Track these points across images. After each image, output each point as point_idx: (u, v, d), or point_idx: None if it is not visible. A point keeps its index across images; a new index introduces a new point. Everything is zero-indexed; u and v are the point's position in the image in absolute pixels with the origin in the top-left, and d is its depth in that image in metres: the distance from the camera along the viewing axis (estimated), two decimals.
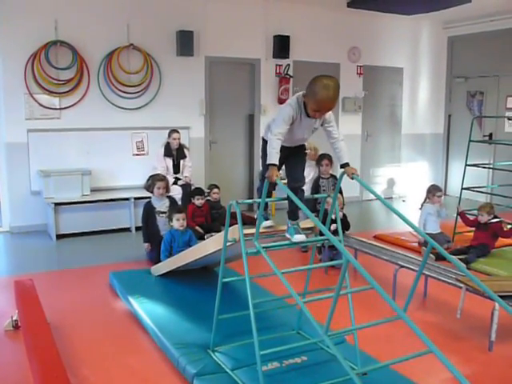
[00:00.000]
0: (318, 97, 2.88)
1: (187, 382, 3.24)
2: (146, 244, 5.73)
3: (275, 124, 3.08)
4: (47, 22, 6.92)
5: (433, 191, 6.33)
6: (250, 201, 3.69)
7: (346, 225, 5.68)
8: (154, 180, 5.82)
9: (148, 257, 5.64)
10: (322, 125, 3.18)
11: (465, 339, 4.01)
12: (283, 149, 3.08)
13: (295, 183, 3.32)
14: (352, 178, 3.02)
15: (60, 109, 7.15)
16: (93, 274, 5.41)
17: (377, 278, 2.38)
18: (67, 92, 7.14)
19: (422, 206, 6.39)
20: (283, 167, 3.35)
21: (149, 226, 5.72)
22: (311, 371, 3.22)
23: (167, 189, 5.91)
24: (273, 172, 2.95)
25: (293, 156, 3.32)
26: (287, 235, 3.23)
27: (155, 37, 7.65)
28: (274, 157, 2.99)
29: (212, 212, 6.68)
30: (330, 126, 3.19)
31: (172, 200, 5.93)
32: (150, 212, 5.71)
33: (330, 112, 3.12)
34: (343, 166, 3.11)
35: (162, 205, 5.75)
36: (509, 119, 8.83)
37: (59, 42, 6.97)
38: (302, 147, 3.38)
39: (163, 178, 5.97)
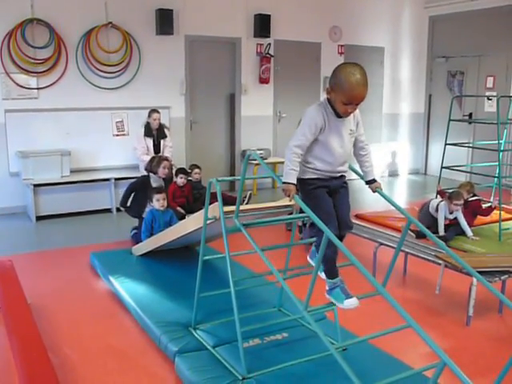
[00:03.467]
0: (347, 85, 2.46)
1: (169, 360, 3.25)
2: (123, 208, 5.78)
3: (294, 136, 2.62)
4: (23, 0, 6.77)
5: (453, 199, 5.78)
6: (230, 178, 3.70)
7: None
8: (159, 160, 5.80)
9: (134, 238, 5.54)
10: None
11: (443, 314, 4.08)
12: (324, 180, 2.67)
13: (345, 230, 2.73)
14: (374, 192, 2.82)
15: (38, 88, 7.03)
16: (73, 255, 5.38)
17: (357, 256, 2.40)
18: (45, 71, 7.01)
19: (437, 204, 5.93)
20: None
21: (137, 200, 5.68)
22: (292, 347, 3.25)
23: (170, 170, 5.91)
24: (290, 189, 2.56)
25: (337, 192, 2.74)
26: (330, 298, 2.73)
27: (134, 15, 7.53)
28: (291, 175, 2.58)
29: (193, 192, 6.64)
30: (360, 133, 2.77)
31: (166, 181, 5.91)
32: (143, 187, 5.63)
33: (359, 115, 2.73)
34: (369, 182, 2.82)
35: (157, 185, 5.68)
36: (488, 99, 8.88)
37: (36, 20, 6.83)
38: (343, 178, 2.79)
39: (167, 158, 5.98)
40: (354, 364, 2.47)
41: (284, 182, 2.59)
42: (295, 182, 2.60)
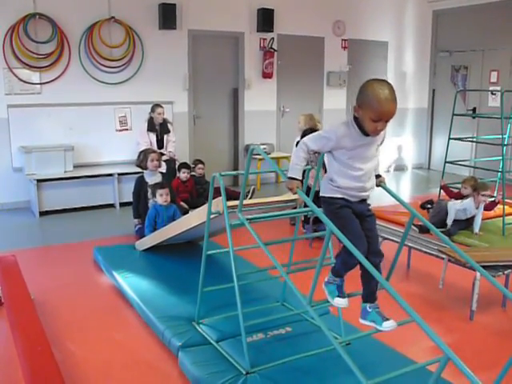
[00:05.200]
0: (375, 101, 2.36)
1: (172, 355, 3.25)
2: (137, 220, 5.67)
3: (312, 136, 2.57)
4: None
5: (479, 189, 5.70)
6: (234, 172, 3.69)
7: None
8: (146, 153, 5.73)
9: (138, 233, 5.56)
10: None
11: (447, 309, 4.07)
12: (348, 201, 2.56)
13: (376, 257, 2.61)
14: (378, 186, 2.77)
15: (41, 84, 7.03)
16: (77, 250, 5.39)
17: None
18: (48, 66, 7.01)
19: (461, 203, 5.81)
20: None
21: (140, 202, 5.66)
22: (295, 342, 3.25)
23: (160, 162, 5.85)
24: (293, 184, 2.55)
25: (364, 220, 2.63)
26: (324, 289, 2.70)
27: (137, 10, 7.52)
28: (296, 170, 2.57)
29: (197, 187, 6.65)
30: (380, 144, 2.64)
31: (164, 175, 5.89)
32: (141, 187, 5.63)
33: (385, 132, 2.58)
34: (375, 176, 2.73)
35: (154, 180, 5.63)
36: (492, 93, 8.85)
37: (38, 15, 6.83)
38: (366, 202, 2.68)
39: (154, 150, 5.92)
40: (357, 358, 2.47)
41: (288, 178, 2.57)
42: (300, 177, 2.56)
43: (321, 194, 2.61)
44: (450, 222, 5.72)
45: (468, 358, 2.41)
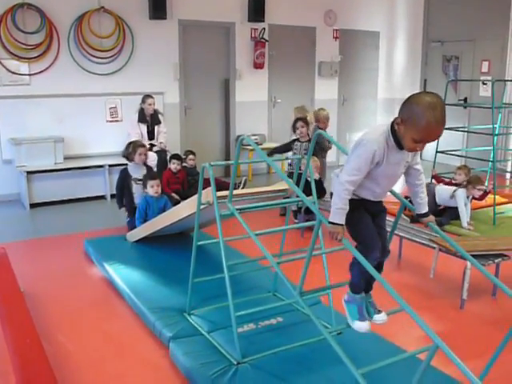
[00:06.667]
0: (423, 122, 2.12)
1: (164, 346, 3.25)
2: (123, 208, 5.65)
3: (347, 167, 2.31)
4: None
5: (473, 183, 5.72)
6: (223, 162, 3.68)
7: (321, 190, 5.66)
8: (135, 146, 5.68)
9: (128, 225, 5.51)
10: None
11: (438, 298, 4.09)
12: (364, 202, 2.44)
13: (384, 255, 2.55)
14: (426, 226, 2.65)
15: (30, 75, 6.95)
16: (67, 242, 5.36)
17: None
18: (37, 57, 6.93)
19: (453, 192, 5.72)
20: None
21: (124, 194, 5.62)
22: (286, 332, 3.25)
23: (146, 156, 5.80)
24: (338, 231, 2.31)
25: (377, 216, 2.54)
26: (344, 306, 2.58)
27: None
28: (340, 215, 2.31)
29: (188, 178, 6.62)
30: (417, 161, 2.48)
31: (149, 168, 5.85)
32: (125, 180, 5.60)
33: None
34: (422, 215, 2.60)
35: (139, 172, 5.61)
36: (483, 83, 8.85)
37: (26, 5, 6.72)
38: (382, 203, 2.58)
39: (143, 144, 5.88)
40: (348, 348, 2.48)
41: (331, 223, 2.32)
42: (344, 222, 2.32)
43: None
44: (462, 210, 5.63)
45: (458, 347, 2.42)
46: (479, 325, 3.68)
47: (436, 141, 2.30)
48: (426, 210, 2.59)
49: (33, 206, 6.69)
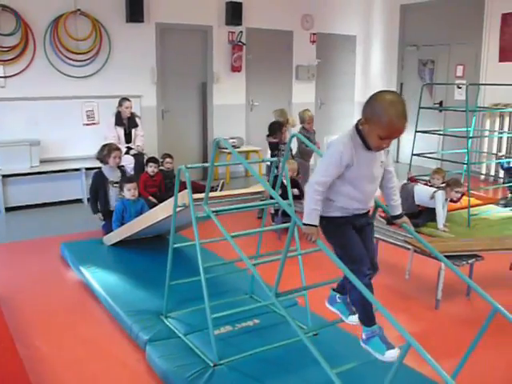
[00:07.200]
0: (386, 118, 2.17)
1: (140, 349, 3.24)
2: (99, 214, 5.60)
3: (316, 169, 2.36)
4: None
5: (452, 185, 5.75)
6: (199, 165, 3.69)
7: (300, 192, 5.68)
8: (110, 149, 5.63)
9: (104, 228, 5.47)
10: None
11: (413, 298, 4.14)
12: (349, 218, 2.43)
13: (373, 272, 2.53)
14: (400, 227, 2.68)
15: (5, 77, 6.87)
16: (44, 247, 5.30)
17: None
18: (12, 60, 6.86)
19: (433, 193, 5.74)
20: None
21: (100, 197, 5.58)
22: (263, 333, 3.26)
23: (120, 159, 5.77)
24: (312, 232, 2.32)
25: (363, 230, 2.52)
26: (368, 348, 2.46)
27: (103, 2, 7.40)
28: (313, 216, 2.32)
29: (165, 182, 6.60)
30: (389, 163, 2.50)
31: (123, 170, 5.82)
32: (100, 183, 5.55)
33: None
34: (396, 217, 2.62)
35: (114, 175, 5.58)
36: (458, 87, 8.98)
37: (1, 7, 6.66)
38: (368, 214, 2.58)
39: (118, 147, 5.85)
40: (324, 348, 2.50)
41: (305, 224, 2.34)
42: (317, 223, 2.34)
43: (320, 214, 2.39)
44: (439, 212, 5.67)
45: (433, 346, 2.46)
46: (453, 325, 3.73)
47: (400, 137, 2.31)
48: (399, 211, 2.60)
49: (8, 209, 6.61)
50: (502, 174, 7.79)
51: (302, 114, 6.84)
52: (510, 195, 6.97)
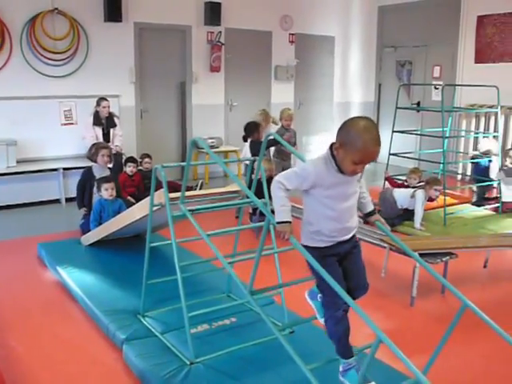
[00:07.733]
0: (361, 143, 2.20)
1: (117, 348, 3.24)
2: (84, 209, 5.58)
3: (284, 173, 2.41)
4: None
5: (431, 183, 5.81)
6: (176, 164, 3.69)
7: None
8: (97, 148, 5.64)
9: (82, 227, 5.44)
10: None
11: (388, 296, 4.20)
12: (333, 247, 2.45)
13: (361, 292, 2.58)
14: (373, 224, 2.76)
15: None
16: (21, 247, 5.26)
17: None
18: None
19: (414, 192, 5.82)
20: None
21: (85, 195, 5.57)
22: (240, 332, 3.29)
23: (110, 158, 5.77)
24: (285, 228, 2.33)
25: (350, 253, 2.56)
26: (345, 381, 2.48)
27: (81, 1, 7.35)
28: (283, 213, 2.35)
29: (144, 182, 6.59)
30: (363, 187, 2.57)
31: (112, 170, 5.80)
32: (88, 180, 5.54)
33: None
34: (368, 214, 2.69)
35: (102, 174, 5.55)
36: (435, 88, 9.09)
37: None
38: (354, 238, 2.60)
39: (107, 146, 5.84)
40: (300, 346, 2.54)
41: (278, 222, 2.35)
42: (290, 218, 2.35)
43: (301, 243, 2.44)
44: (418, 211, 5.71)
45: (407, 342, 2.51)
46: (427, 321, 3.79)
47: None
48: (371, 208, 2.65)
49: None
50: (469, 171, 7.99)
51: (281, 111, 6.90)
52: (475, 197, 7.06)
